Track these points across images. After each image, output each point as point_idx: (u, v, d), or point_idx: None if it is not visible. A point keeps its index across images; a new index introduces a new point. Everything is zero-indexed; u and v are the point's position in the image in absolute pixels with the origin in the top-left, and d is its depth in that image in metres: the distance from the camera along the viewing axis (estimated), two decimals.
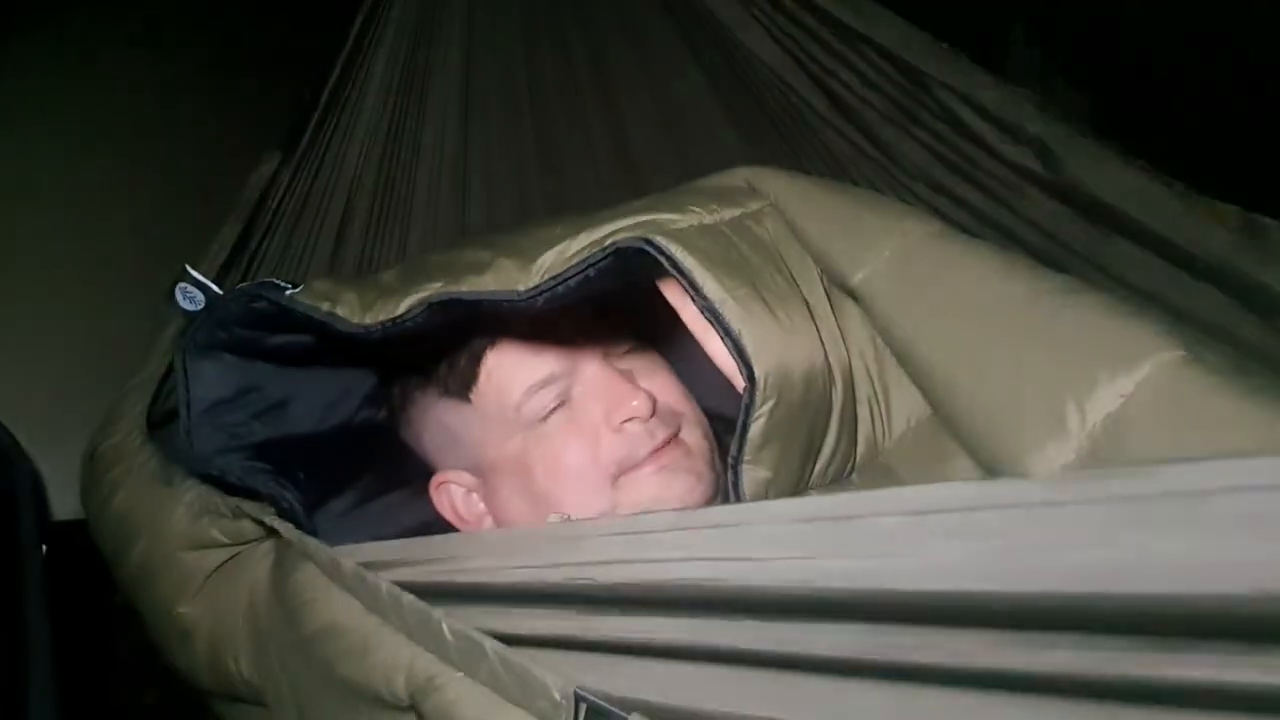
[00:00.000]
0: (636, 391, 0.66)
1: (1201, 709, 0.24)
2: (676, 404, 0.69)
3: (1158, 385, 0.45)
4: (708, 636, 0.36)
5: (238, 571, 0.68)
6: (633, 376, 0.68)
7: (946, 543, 0.28)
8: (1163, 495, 0.23)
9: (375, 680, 0.48)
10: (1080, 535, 0.25)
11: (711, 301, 0.56)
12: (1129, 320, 0.49)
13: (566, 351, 0.68)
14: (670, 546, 0.37)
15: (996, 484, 0.30)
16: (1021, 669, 0.27)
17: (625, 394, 0.66)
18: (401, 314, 0.61)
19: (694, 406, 0.71)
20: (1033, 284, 0.54)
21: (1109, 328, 0.49)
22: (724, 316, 0.56)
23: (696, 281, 0.56)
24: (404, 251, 1.19)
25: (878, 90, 0.99)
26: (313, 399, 0.78)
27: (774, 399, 0.57)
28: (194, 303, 0.73)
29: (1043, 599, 0.26)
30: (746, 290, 0.57)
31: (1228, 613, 0.22)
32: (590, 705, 0.36)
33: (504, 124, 1.21)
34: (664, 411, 0.67)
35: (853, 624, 0.32)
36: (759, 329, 0.56)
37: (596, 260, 0.57)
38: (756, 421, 0.57)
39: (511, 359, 0.69)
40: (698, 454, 0.67)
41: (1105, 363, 0.47)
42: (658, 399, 0.67)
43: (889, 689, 0.32)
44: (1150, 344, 0.47)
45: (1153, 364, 0.46)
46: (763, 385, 0.56)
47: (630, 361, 0.70)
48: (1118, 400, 0.46)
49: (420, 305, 0.61)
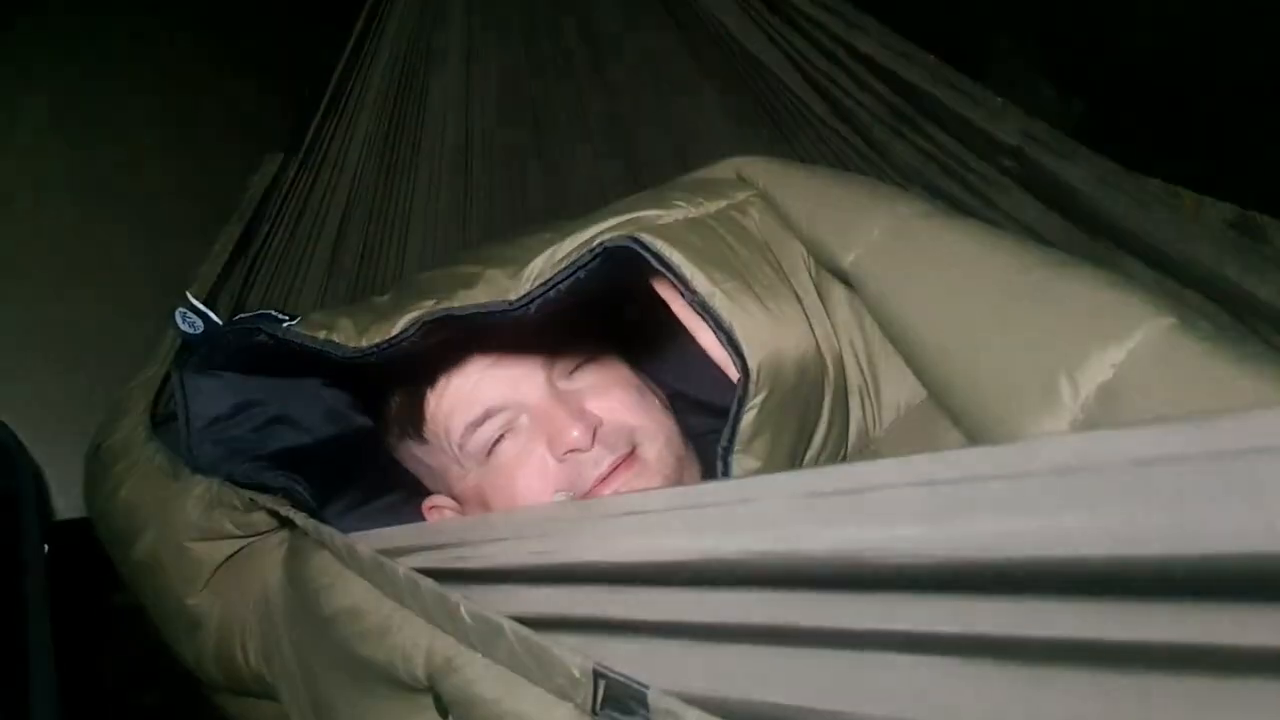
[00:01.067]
0: (575, 423, 0.64)
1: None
2: (631, 420, 0.66)
3: (1150, 353, 0.45)
4: (721, 613, 0.36)
5: (247, 562, 0.69)
6: (579, 400, 0.66)
7: (957, 510, 0.29)
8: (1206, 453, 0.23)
9: (394, 661, 0.48)
10: (1098, 497, 0.25)
11: (701, 296, 0.56)
12: (1119, 290, 0.49)
13: (510, 379, 0.66)
14: (677, 523, 0.37)
15: (1004, 449, 0.30)
16: (1040, 634, 0.27)
17: (564, 427, 0.64)
18: (396, 334, 0.61)
19: (657, 415, 0.68)
20: (1021, 257, 0.54)
21: (1099, 298, 0.49)
22: (715, 310, 0.56)
23: (685, 276, 0.56)
24: (404, 252, 1.19)
25: (869, 92, 1.00)
26: (311, 410, 0.78)
27: (767, 390, 0.57)
28: (193, 327, 0.74)
29: (1063, 564, 0.26)
30: (736, 283, 0.57)
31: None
32: (609, 681, 0.36)
33: (504, 124, 1.22)
34: (612, 433, 0.65)
35: (861, 594, 0.33)
36: (750, 321, 0.56)
37: (585, 262, 0.57)
38: (749, 413, 0.57)
39: (450, 398, 0.68)
40: (656, 468, 0.66)
41: (1096, 332, 0.46)
42: (605, 421, 0.65)
43: (903, 659, 0.32)
44: (1141, 312, 0.46)
45: (1144, 332, 0.45)
46: (756, 376, 0.56)
47: (583, 378, 0.68)
48: (1110, 370, 0.45)
49: (414, 324, 0.61)
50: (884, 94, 0.97)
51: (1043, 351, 0.48)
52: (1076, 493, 0.27)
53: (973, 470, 0.29)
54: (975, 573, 0.29)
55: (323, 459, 0.74)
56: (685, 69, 1.13)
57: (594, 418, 0.65)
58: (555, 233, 0.62)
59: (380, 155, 1.15)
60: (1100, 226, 0.83)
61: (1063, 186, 0.82)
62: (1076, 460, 0.27)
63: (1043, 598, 0.28)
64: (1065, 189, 0.82)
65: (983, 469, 0.29)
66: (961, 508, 0.29)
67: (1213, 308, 0.78)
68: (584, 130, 1.23)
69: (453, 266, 0.71)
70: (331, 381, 0.78)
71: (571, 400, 0.66)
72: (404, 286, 0.75)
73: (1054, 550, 0.27)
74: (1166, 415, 0.25)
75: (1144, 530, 0.25)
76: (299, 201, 1.08)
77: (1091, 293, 0.49)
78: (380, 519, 0.75)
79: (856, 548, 0.32)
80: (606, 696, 0.37)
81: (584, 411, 0.65)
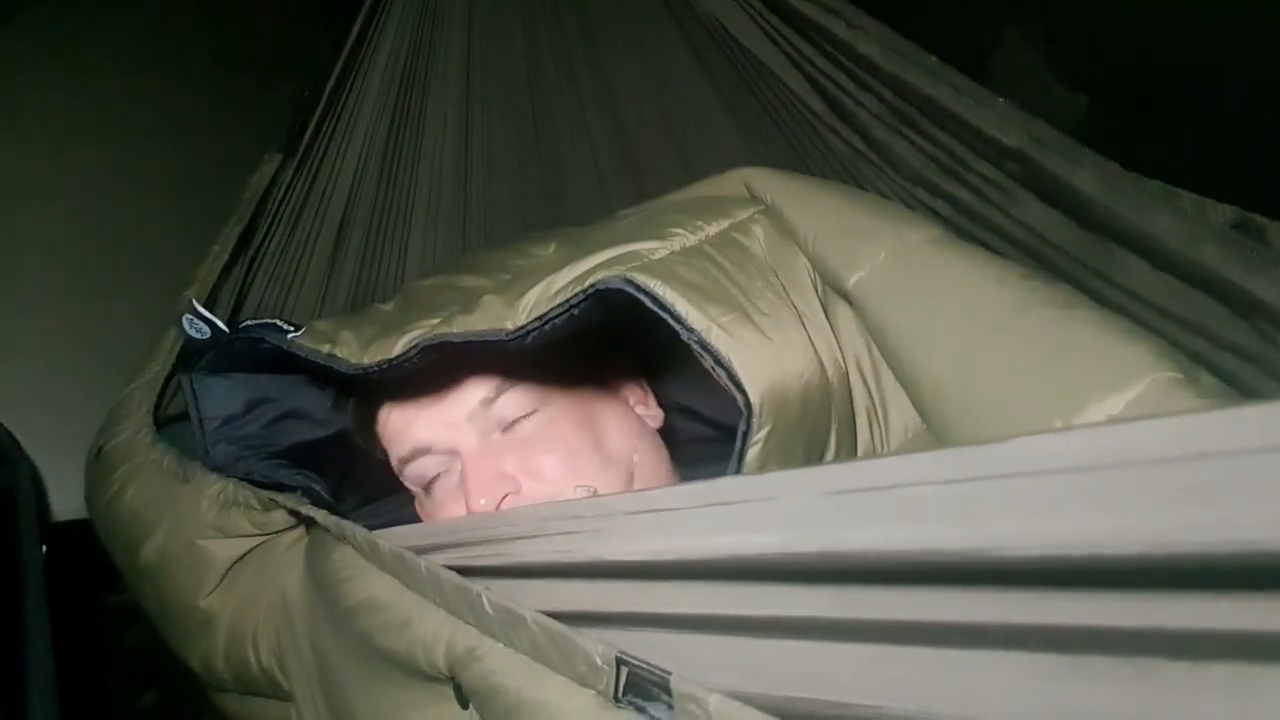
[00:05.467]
0: (484, 491, 0.61)
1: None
2: (549, 487, 0.62)
3: (1148, 406, 0.44)
4: (745, 607, 0.36)
5: (261, 561, 0.69)
6: (501, 462, 0.63)
7: (982, 508, 0.29)
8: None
9: (415, 652, 0.49)
10: (1124, 493, 0.25)
11: (698, 333, 0.55)
12: (1123, 338, 0.48)
13: (445, 424, 0.65)
14: (702, 520, 0.37)
15: (1030, 442, 0.30)
16: (1069, 622, 0.28)
17: (473, 493, 0.61)
18: (398, 355, 0.62)
19: (590, 474, 0.63)
20: (1027, 295, 0.53)
21: (1102, 344, 0.48)
22: (713, 346, 0.55)
23: (680, 315, 0.55)
24: (404, 252, 1.19)
25: (870, 93, 1.00)
26: (321, 404, 0.79)
27: (770, 424, 0.55)
28: (199, 332, 0.74)
29: (1089, 560, 0.26)
30: (734, 315, 0.56)
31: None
32: (631, 668, 0.37)
33: (504, 123, 1.22)
34: (531, 497, 0.62)
35: (885, 588, 0.33)
36: (750, 353, 0.55)
37: (577, 301, 0.57)
38: (753, 447, 0.55)
39: (390, 429, 0.68)
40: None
41: (1096, 382, 0.46)
42: (521, 488, 0.62)
43: (923, 652, 0.33)
44: (1143, 365, 0.46)
45: (1145, 385, 0.45)
46: (759, 411, 0.55)
47: (522, 430, 0.65)
48: (1105, 420, 0.45)
49: (413, 345, 0.61)
50: (885, 95, 0.98)
51: (1040, 395, 0.48)
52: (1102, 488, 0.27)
53: (998, 465, 0.30)
54: (1000, 568, 0.30)
55: (336, 452, 0.75)
56: (686, 69, 1.13)
57: (510, 483, 0.62)
58: (560, 247, 0.62)
59: (380, 155, 1.15)
60: (1104, 228, 0.84)
61: (1066, 188, 0.82)
62: (1102, 455, 0.27)
63: (1071, 590, 0.28)
64: (1068, 191, 0.82)
65: (1009, 464, 0.29)
66: (987, 503, 0.30)
67: (1217, 307, 0.78)
68: (584, 130, 1.23)
69: (456, 275, 0.72)
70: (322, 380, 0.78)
71: (494, 459, 0.63)
72: (407, 295, 0.76)
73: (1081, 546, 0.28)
74: (1188, 410, 0.26)
75: (1172, 526, 0.25)
76: (298, 201, 1.08)
77: (1095, 338, 0.49)
78: (388, 516, 0.76)
79: (880, 543, 0.33)
80: (628, 683, 0.37)
81: (501, 477, 0.62)
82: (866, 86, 0.99)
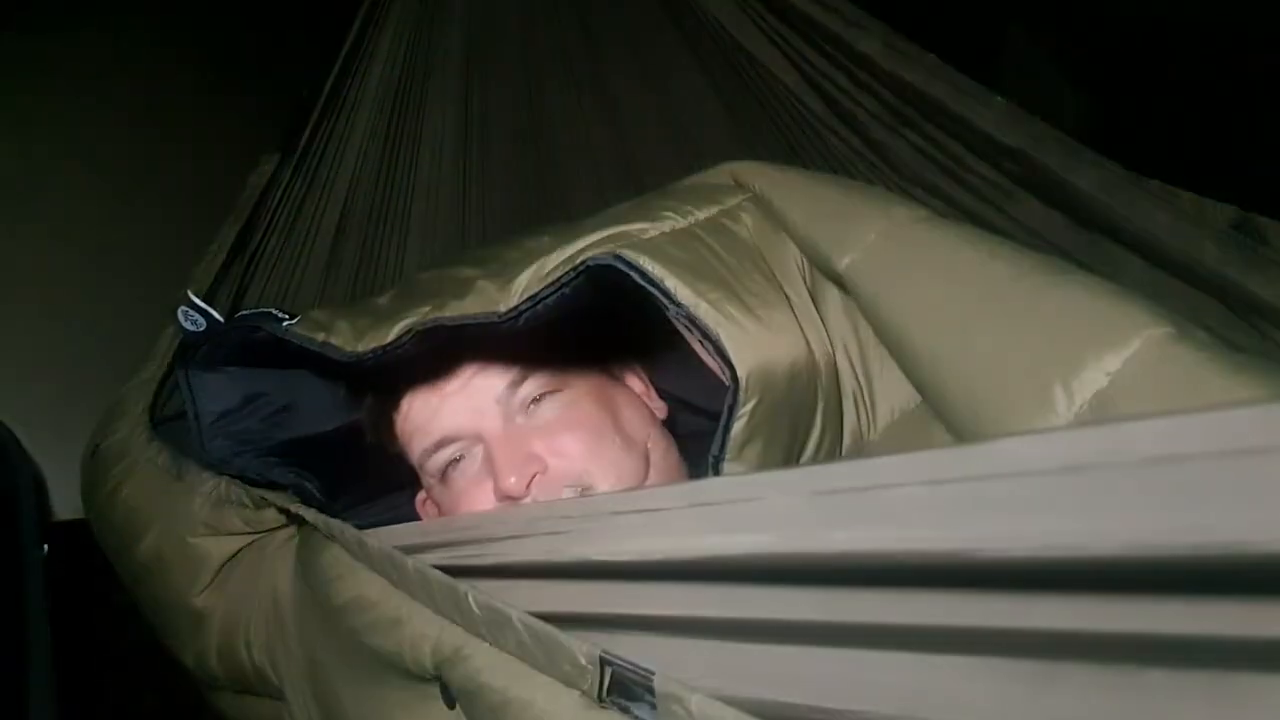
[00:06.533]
0: (514, 470, 0.62)
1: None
2: (575, 465, 0.64)
3: (1145, 362, 0.44)
4: (729, 609, 0.36)
5: (253, 558, 0.69)
6: (528, 442, 0.64)
7: (966, 509, 0.29)
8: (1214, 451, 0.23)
9: (403, 651, 0.49)
10: (1109, 493, 0.25)
11: (686, 308, 0.56)
12: (1116, 298, 0.48)
13: (470, 409, 0.66)
14: (687, 520, 0.37)
15: (1015, 443, 0.30)
16: (1046, 627, 0.27)
17: (503, 472, 0.63)
18: (391, 342, 0.62)
19: (611, 454, 0.65)
20: (1018, 263, 0.53)
21: (1096, 306, 0.48)
22: (701, 320, 0.56)
23: (669, 290, 0.56)
24: (403, 251, 1.19)
25: (868, 92, 1.00)
26: (316, 400, 0.79)
27: (757, 397, 0.56)
28: (195, 325, 0.74)
29: (1074, 561, 0.26)
30: (721, 293, 0.57)
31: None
32: (615, 668, 0.37)
33: (503, 123, 1.22)
34: (554, 479, 0.63)
35: (869, 590, 0.33)
36: (737, 330, 0.56)
37: (569, 280, 0.57)
38: (739, 420, 0.56)
39: (413, 419, 0.68)
40: None
41: (1092, 340, 0.46)
42: (549, 467, 0.64)
43: (906, 657, 0.33)
44: (1138, 321, 0.46)
45: (1141, 340, 0.45)
46: (745, 384, 0.56)
47: (542, 412, 0.66)
48: (1105, 378, 0.45)
49: (408, 331, 0.61)
50: (883, 94, 0.97)
51: (1038, 358, 0.48)
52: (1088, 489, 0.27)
53: (982, 466, 0.29)
54: (985, 569, 0.29)
55: (332, 448, 0.75)
56: (684, 68, 1.13)
57: (537, 462, 0.63)
58: (553, 237, 0.62)
59: (379, 154, 1.15)
60: (1103, 227, 0.83)
61: (1064, 187, 0.82)
62: (1088, 456, 0.27)
63: (1053, 594, 0.28)
64: (1067, 190, 0.82)
65: (993, 464, 0.29)
66: (971, 504, 0.30)
67: (1216, 307, 0.78)
68: (583, 130, 1.23)
69: (451, 268, 0.72)
70: (332, 375, 0.78)
71: (521, 441, 0.64)
72: (403, 288, 0.76)
73: (1065, 547, 0.27)
74: (1176, 409, 0.25)
75: (1157, 527, 0.25)
76: (297, 201, 1.08)
77: (1088, 301, 0.49)
78: (384, 515, 0.76)
79: (865, 543, 0.32)
80: (613, 683, 0.38)
81: (529, 456, 0.63)
82: (865, 86, 0.99)
